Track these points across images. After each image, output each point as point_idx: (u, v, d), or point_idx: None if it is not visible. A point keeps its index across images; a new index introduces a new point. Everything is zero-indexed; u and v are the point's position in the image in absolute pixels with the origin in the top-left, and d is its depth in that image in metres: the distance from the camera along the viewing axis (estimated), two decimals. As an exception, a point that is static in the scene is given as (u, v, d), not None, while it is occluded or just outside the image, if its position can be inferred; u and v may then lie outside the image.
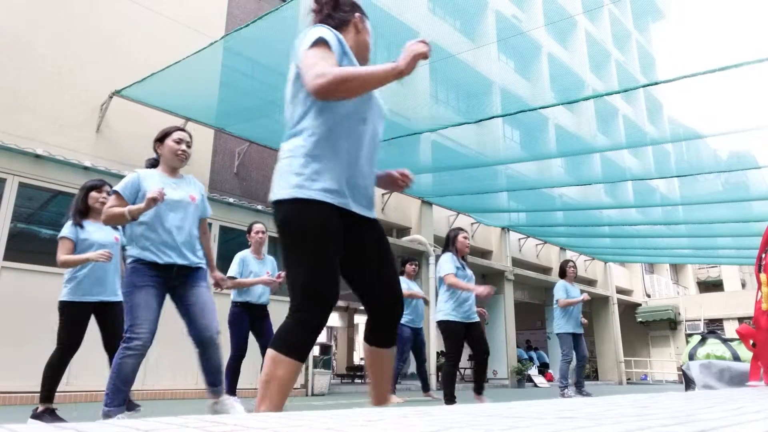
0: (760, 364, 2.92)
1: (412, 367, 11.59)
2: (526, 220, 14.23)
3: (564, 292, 6.93)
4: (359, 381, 13.66)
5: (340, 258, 1.81)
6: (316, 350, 9.28)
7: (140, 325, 2.76)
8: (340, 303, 22.31)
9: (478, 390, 4.91)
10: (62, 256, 3.53)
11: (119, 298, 3.60)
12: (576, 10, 16.56)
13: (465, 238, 5.03)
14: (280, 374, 1.68)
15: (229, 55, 7.19)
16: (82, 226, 3.64)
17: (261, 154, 9.83)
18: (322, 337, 21.23)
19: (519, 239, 15.49)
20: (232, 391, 4.80)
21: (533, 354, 16.18)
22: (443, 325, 4.82)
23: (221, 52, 7.00)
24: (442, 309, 4.83)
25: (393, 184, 2.09)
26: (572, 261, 7.27)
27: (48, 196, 6.70)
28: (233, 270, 4.78)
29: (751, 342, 3.01)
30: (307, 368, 8.52)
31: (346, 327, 23.08)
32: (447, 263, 4.85)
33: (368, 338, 1.93)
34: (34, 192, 6.49)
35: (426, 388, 6.82)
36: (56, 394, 5.66)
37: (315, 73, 1.65)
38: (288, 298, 1.78)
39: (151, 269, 2.86)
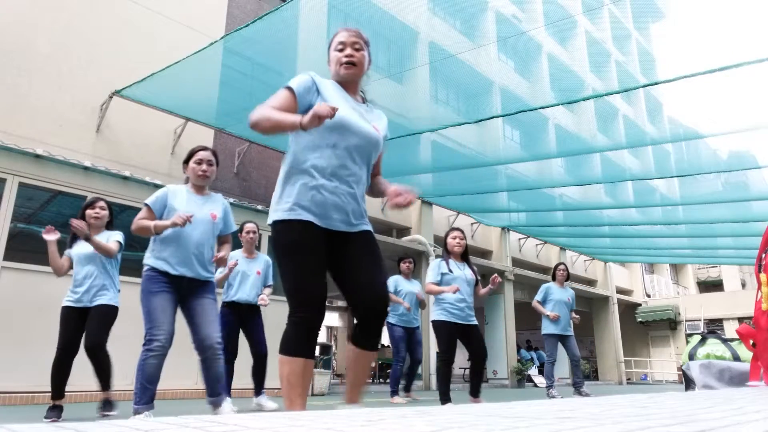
0: (760, 364, 2.92)
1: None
2: (526, 220, 14.23)
3: (542, 293, 6.96)
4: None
5: (329, 267, 2.08)
6: (316, 350, 9.27)
7: (158, 327, 2.98)
8: (339, 304, 22.33)
9: (474, 393, 4.86)
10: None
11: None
12: (576, 10, 16.56)
13: (454, 237, 4.94)
14: (286, 372, 1.91)
15: (229, 55, 7.19)
16: (71, 246, 4.01)
17: (261, 154, 9.83)
18: (322, 337, 21.24)
19: (519, 239, 15.49)
20: (225, 392, 4.80)
21: (533, 354, 16.19)
22: (435, 325, 4.85)
23: (221, 52, 7.00)
24: (434, 309, 4.87)
25: (392, 203, 2.15)
26: (563, 264, 7.23)
27: (48, 196, 6.70)
28: (222, 270, 4.76)
29: (751, 342, 3.01)
30: (307, 368, 8.52)
31: (346, 327, 23.09)
32: (430, 271, 4.92)
33: (352, 338, 2.10)
34: (34, 192, 6.49)
35: (408, 388, 6.72)
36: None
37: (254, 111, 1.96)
38: (284, 299, 1.92)
39: (164, 277, 3.09)
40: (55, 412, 3.74)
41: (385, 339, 10.88)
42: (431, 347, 11.65)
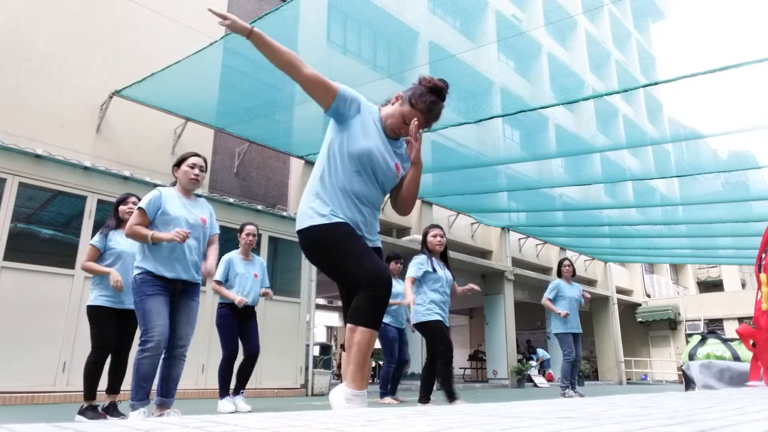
0: (760, 364, 2.92)
1: (413, 367, 11.60)
2: (526, 220, 14.23)
3: (553, 290, 6.76)
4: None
5: None
6: (316, 350, 9.27)
7: (153, 328, 3.03)
8: (340, 303, 22.36)
9: (451, 396, 4.45)
10: (86, 262, 3.87)
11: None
12: (576, 10, 16.54)
13: (436, 236, 4.68)
14: (357, 340, 1.99)
15: (229, 55, 7.19)
16: (107, 237, 3.97)
17: (261, 154, 9.83)
18: (322, 337, 21.24)
19: (519, 239, 15.49)
20: (225, 391, 4.75)
21: (540, 352, 16.18)
22: (430, 324, 4.52)
23: (221, 52, 7.00)
24: (421, 309, 4.55)
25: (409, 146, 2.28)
26: (568, 259, 7.08)
27: (48, 196, 6.70)
28: (219, 273, 4.74)
29: (751, 342, 3.01)
30: (307, 368, 8.53)
31: (346, 327, 23.08)
32: (411, 267, 4.63)
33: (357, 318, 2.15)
34: (34, 192, 6.49)
35: (394, 390, 6.50)
36: (55, 393, 5.66)
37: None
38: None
39: (159, 280, 3.15)
40: (93, 412, 3.72)
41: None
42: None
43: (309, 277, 9.01)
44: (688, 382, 3.60)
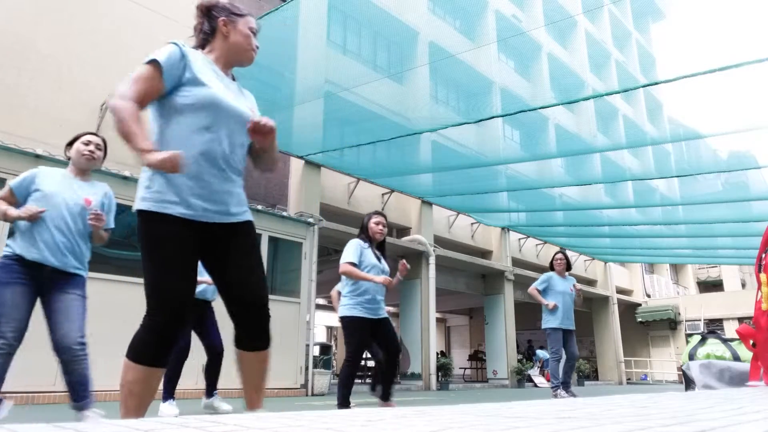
0: (760, 364, 2.92)
1: (412, 367, 11.60)
2: (526, 220, 14.23)
3: (544, 282, 6.52)
4: (359, 381, 13.65)
5: (210, 265, 1.93)
6: (316, 350, 9.27)
7: (6, 323, 2.74)
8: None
9: (386, 396, 4.13)
10: None
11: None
12: (576, 10, 16.53)
13: (378, 223, 4.26)
14: (129, 379, 1.75)
15: (229, 55, 7.17)
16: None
17: (261, 154, 9.82)
18: (322, 337, 21.17)
19: (519, 239, 15.49)
20: (169, 393, 4.42)
21: (540, 353, 16.19)
22: (345, 321, 4.13)
23: (221, 52, 6.99)
24: (344, 303, 4.16)
25: (257, 140, 1.99)
26: (562, 252, 6.70)
27: (48, 196, 6.69)
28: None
29: (751, 342, 3.01)
30: (307, 368, 8.52)
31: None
32: (347, 251, 4.17)
33: (236, 342, 1.99)
34: (34, 192, 6.49)
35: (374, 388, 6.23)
36: (55, 393, 5.65)
37: (117, 92, 1.79)
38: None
39: (18, 265, 2.80)
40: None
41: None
42: (431, 345, 11.66)
43: (309, 277, 9.01)
44: (688, 382, 3.60)
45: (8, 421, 3.61)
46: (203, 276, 4.27)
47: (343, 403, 4.04)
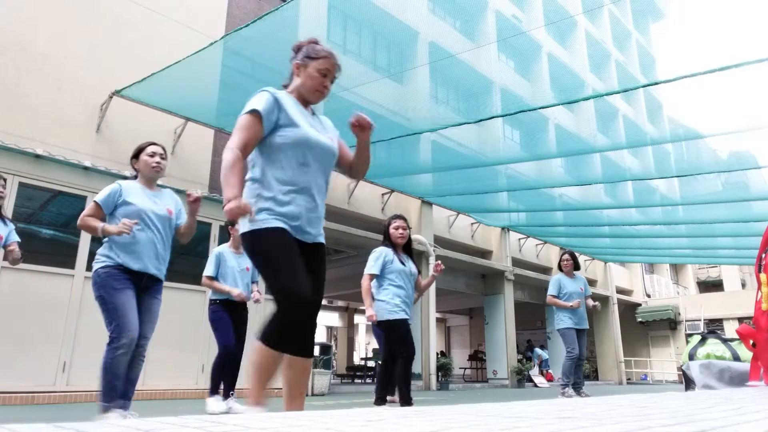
0: (760, 364, 2.92)
1: (414, 368, 11.59)
2: (526, 220, 14.24)
3: (556, 286, 6.45)
4: (359, 381, 13.65)
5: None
6: (316, 350, 9.27)
7: (126, 324, 2.93)
8: (340, 303, 22.31)
9: (407, 399, 4.15)
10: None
11: None
12: (576, 10, 16.55)
13: (398, 228, 4.31)
14: (256, 360, 1.99)
15: (229, 55, 7.18)
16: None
17: (261, 154, 9.81)
18: (322, 337, 21.21)
19: (519, 239, 15.49)
20: (215, 389, 4.55)
21: (538, 351, 16.19)
22: (392, 324, 4.22)
23: (221, 52, 7.00)
24: (384, 305, 4.26)
25: (357, 133, 2.29)
26: (568, 253, 6.64)
27: (48, 196, 6.70)
28: (209, 269, 4.57)
29: (751, 342, 3.01)
30: (307, 368, 8.52)
31: (346, 327, 23.07)
32: (368, 262, 4.32)
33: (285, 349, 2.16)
34: (34, 192, 6.49)
35: (392, 391, 6.27)
36: (55, 393, 5.66)
37: (228, 144, 2.10)
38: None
39: (125, 273, 3.02)
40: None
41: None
42: (431, 345, 11.66)
43: (309, 277, 9.00)
44: (688, 382, 3.60)
45: (8, 421, 3.62)
46: (238, 287, 4.62)
47: (383, 399, 4.35)
